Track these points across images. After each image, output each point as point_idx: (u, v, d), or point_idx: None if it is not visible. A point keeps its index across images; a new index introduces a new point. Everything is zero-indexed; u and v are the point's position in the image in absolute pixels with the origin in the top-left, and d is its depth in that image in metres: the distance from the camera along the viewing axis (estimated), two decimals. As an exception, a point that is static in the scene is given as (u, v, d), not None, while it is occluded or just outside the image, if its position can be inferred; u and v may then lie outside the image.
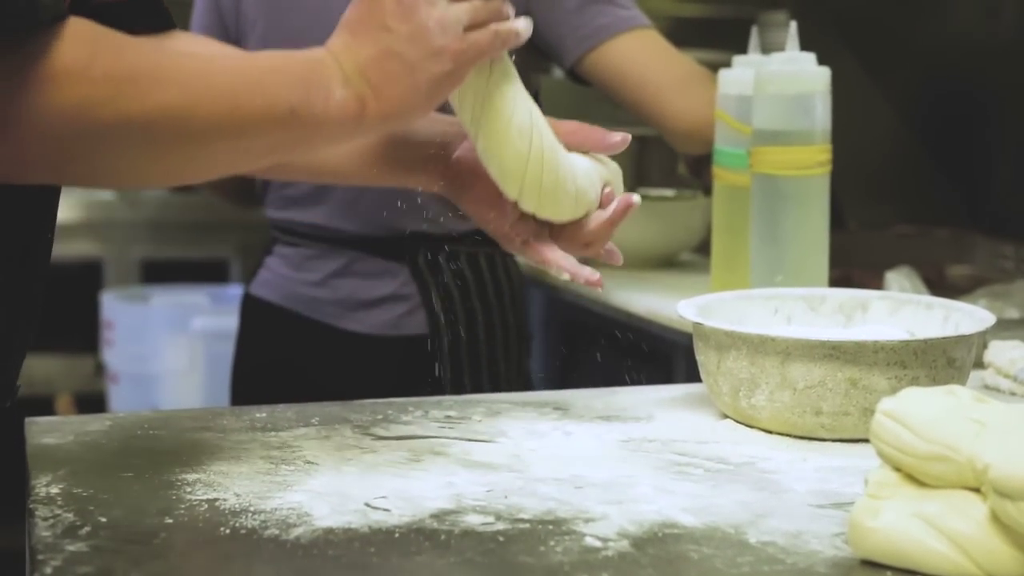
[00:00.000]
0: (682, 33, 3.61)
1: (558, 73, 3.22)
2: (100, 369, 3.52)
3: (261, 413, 1.31)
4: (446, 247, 2.08)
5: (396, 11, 1.09)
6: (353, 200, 2.08)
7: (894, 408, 0.91)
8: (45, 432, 1.25)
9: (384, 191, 1.99)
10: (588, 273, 1.31)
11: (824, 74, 1.64)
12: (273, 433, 1.25)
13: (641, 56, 2.07)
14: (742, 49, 3.22)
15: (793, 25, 1.64)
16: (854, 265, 2.16)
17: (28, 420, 1.28)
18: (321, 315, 2.10)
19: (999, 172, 2.60)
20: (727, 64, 3.13)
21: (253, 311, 2.21)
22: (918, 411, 0.90)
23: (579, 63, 2.08)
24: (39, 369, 3.68)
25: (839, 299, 1.42)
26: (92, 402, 3.35)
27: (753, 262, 1.67)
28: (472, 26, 1.12)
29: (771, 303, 1.42)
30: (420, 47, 1.09)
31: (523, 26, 1.15)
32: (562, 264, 1.30)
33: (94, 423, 1.28)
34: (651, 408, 1.35)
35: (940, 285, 2.31)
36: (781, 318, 1.41)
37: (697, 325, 1.30)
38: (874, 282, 2.17)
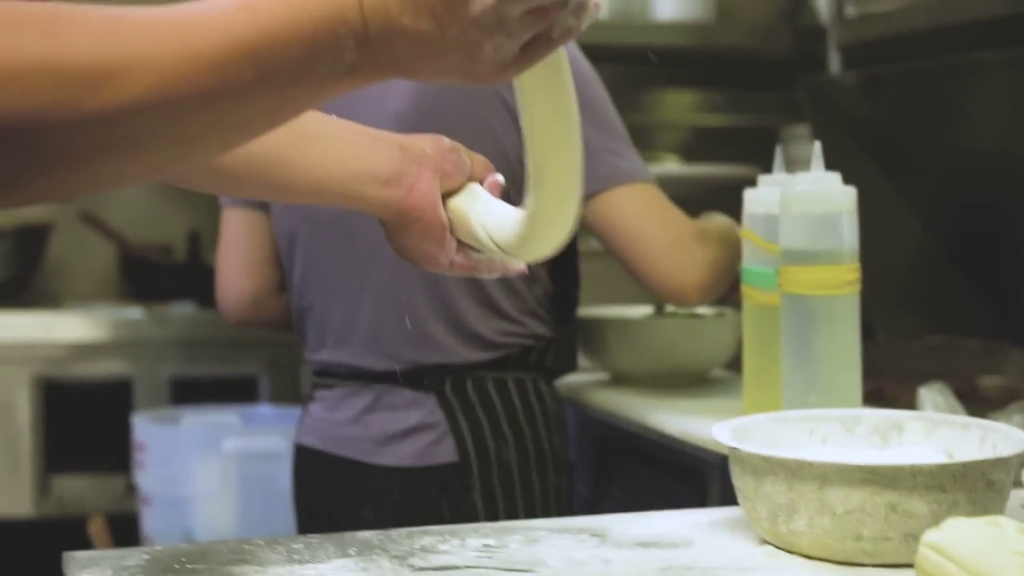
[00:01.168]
0: (703, 143, 3.64)
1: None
2: (131, 489, 3.51)
3: (298, 544, 1.31)
4: (472, 374, 2.08)
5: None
6: (375, 338, 2.08)
7: (938, 541, 0.91)
8: (83, 567, 1.24)
9: (403, 329, 2.04)
10: (515, 265, 1.33)
11: (850, 193, 1.64)
12: (311, 566, 1.24)
13: (633, 212, 2.06)
14: (765, 160, 3.25)
15: (817, 145, 1.65)
16: (885, 377, 2.14)
17: (66, 555, 1.27)
18: (355, 452, 2.10)
19: (1027, 280, 2.59)
20: (749, 177, 3.16)
21: (298, 458, 2.21)
22: (963, 544, 0.90)
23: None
24: (70, 490, 3.69)
25: (874, 420, 1.42)
26: (124, 523, 3.33)
27: (785, 382, 1.67)
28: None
29: (806, 425, 1.42)
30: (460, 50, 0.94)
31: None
32: (492, 268, 1.34)
33: (132, 557, 1.27)
34: (689, 533, 1.34)
35: (972, 397, 2.29)
36: (816, 440, 1.41)
37: (733, 450, 1.30)
38: (905, 395, 2.15)
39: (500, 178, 1.34)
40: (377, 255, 2.00)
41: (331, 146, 1.27)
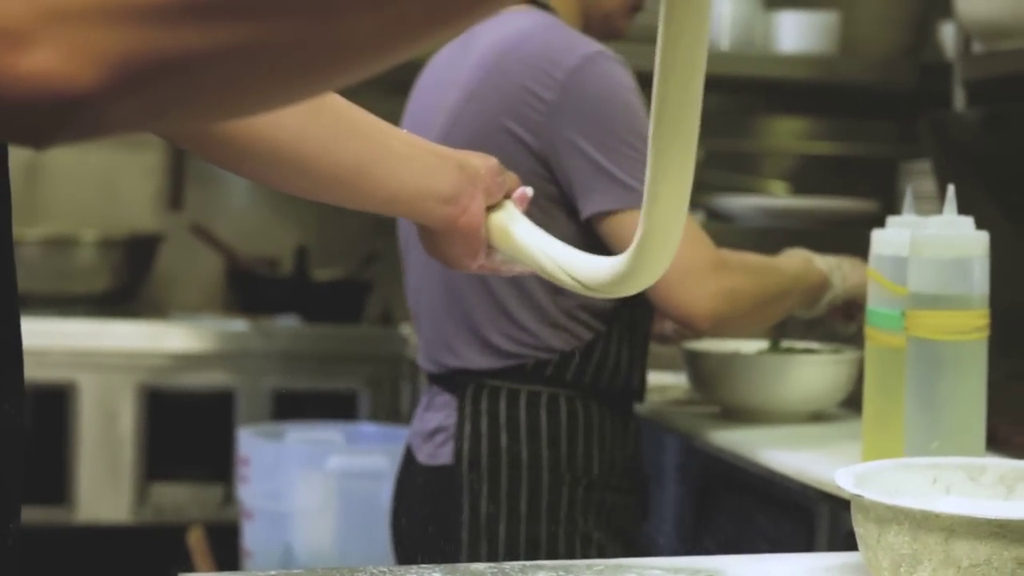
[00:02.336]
0: (814, 172, 3.63)
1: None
2: (229, 499, 3.54)
3: (411, 574, 1.31)
4: (490, 383, 2.12)
5: None
6: (425, 342, 2.21)
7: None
8: (198, 589, 1.26)
9: (440, 334, 2.16)
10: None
11: (982, 239, 1.62)
12: (424, 596, 1.24)
13: None
14: (878, 192, 3.23)
15: (951, 188, 1.64)
16: (1001, 417, 2.12)
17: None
18: (412, 448, 2.22)
19: None
20: (864, 211, 3.14)
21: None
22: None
23: (590, 222, 2.07)
24: (169, 497, 3.73)
25: (1000, 470, 1.39)
26: (223, 534, 3.36)
27: (908, 427, 1.65)
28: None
29: (930, 472, 1.39)
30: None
31: None
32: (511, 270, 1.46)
33: (246, 580, 1.28)
34: None
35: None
36: (940, 489, 1.39)
37: (856, 497, 1.28)
38: (1019, 437, 2.13)
39: (529, 190, 1.45)
40: (428, 265, 2.09)
41: (407, 163, 1.34)
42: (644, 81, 3.14)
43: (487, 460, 2.10)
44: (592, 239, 2.06)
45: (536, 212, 2.07)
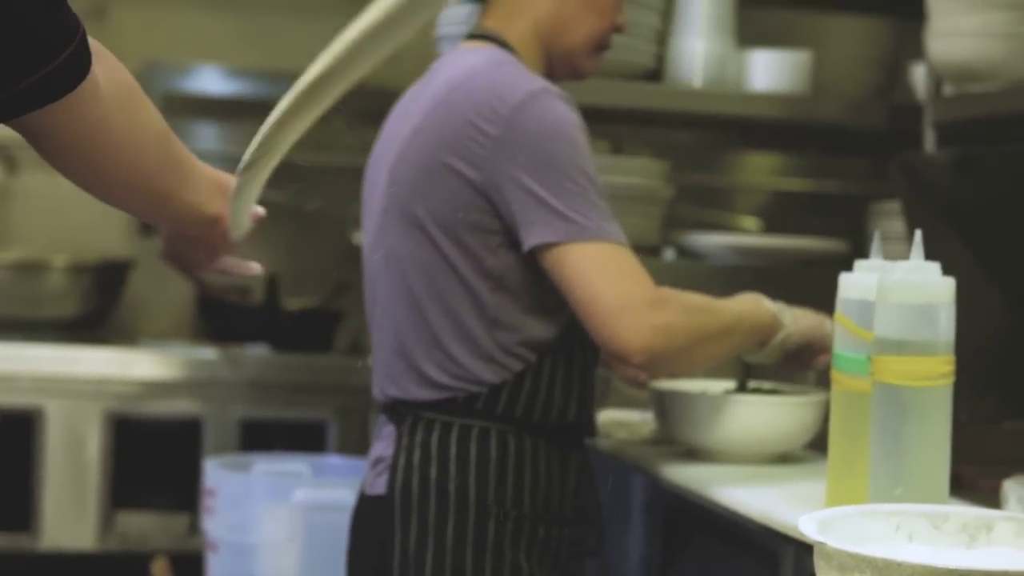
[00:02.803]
0: (785, 208, 3.64)
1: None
2: (194, 529, 3.53)
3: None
4: (426, 415, 2.15)
5: None
6: (376, 372, 2.25)
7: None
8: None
9: (386, 362, 2.20)
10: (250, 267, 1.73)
11: (949, 285, 1.63)
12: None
13: (583, 271, 2.06)
14: (848, 230, 3.24)
15: (918, 233, 1.64)
16: (965, 462, 2.12)
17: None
18: (364, 479, 2.27)
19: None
20: (835, 252, 3.15)
21: None
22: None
23: (532, 254, 2.09)
24: (134, 526, 3.72)
25: (963, 518, 1.39)
26: (188, 564, 3.35)
27: (872, 472, 1.65)
28: None
29: (893, 520, 1.39)
30: None
31: None
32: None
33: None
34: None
35: (1055, 486, 2.27)
36: (903, 536, 1.39)
37: (820, 544, 1.28)
38: (984, 481, 2.13)
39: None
40: (380, 299, 2.21)
41: (198, 191, 1.53)
42: (598, 116, 3.14)
43: (417, 491, 2.13)
44: (534, 270, 2.09)
45: (476, 243, 2.10)
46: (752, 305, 2.22)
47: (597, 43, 2.30)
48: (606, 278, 2.06)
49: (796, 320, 2.24)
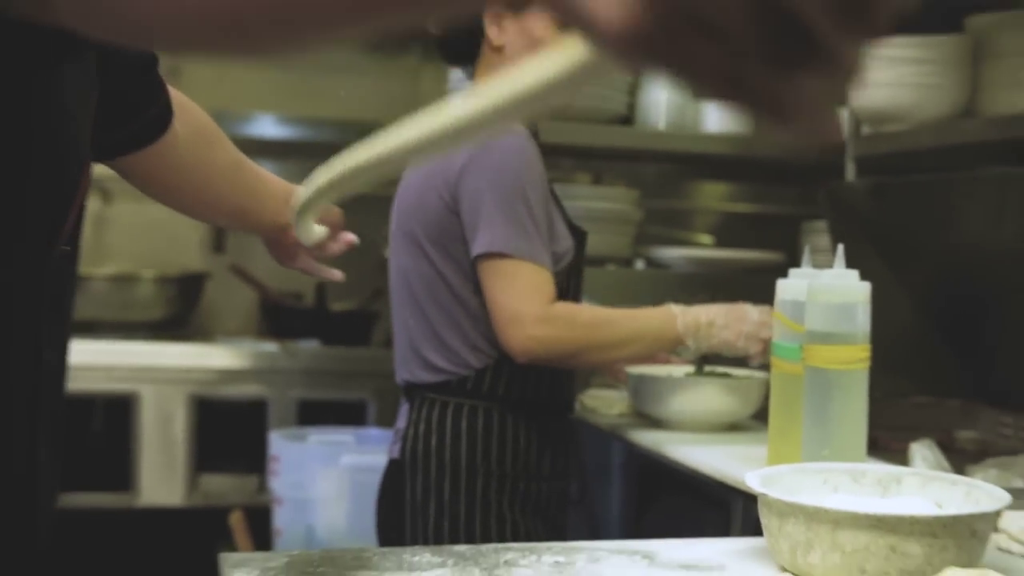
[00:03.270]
0: (734, 227, 3.65)
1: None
2: (262, 488, 3.53)
3: (406, 554, 1.31)
4: (430, 395, 2.17)
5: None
6: (396, 360, 2.25)
7: (936, 588, 0.90)
8: (235, 566, 1.25)
9: (402, 352, 2.22)
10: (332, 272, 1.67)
11: (865, 288, 1.64)
12: (417, 572, 1.24)
13: (490, 281, 2.07)
14: (785, 245, 3.25)
15: (840, 248, 1.65)
16: (880, 429, 2.13)
17: (222, 556, 1.27)
18: None
19: (1000, 353, 2.56)
20: (773, 261, 3.15)
21: None
22: (956, 591, 0.89)
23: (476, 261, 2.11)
24: (214, 485, 3.72)
25: (878, 474, 1.40)
26: (258, 516, 3.35)
27: (804, 438, 1.66)
28: None
29: (821, 475, 1.41)
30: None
31: None
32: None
33: (274, 560, 1.27)
34: (723, 559, 1.33)
35: (951, 448, 2.27)
36: (829, 488, 1.40)
37: (762, 495, 1.29)
38: (896, 444, 2.14)
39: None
40: (396, 302, 2.23)
41: (271, 203, 1.51)
42: (582, 154, 3.10)
43: (422, 457, 2.16)
44: None
45: (458, 254, 2.11)
46: (661, 321, 2.16)
47: None
48: (508, 292, 2.06)
49: (713, 336, 2.18)
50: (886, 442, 2.13)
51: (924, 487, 1.37)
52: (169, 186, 1.39)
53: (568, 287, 2.17)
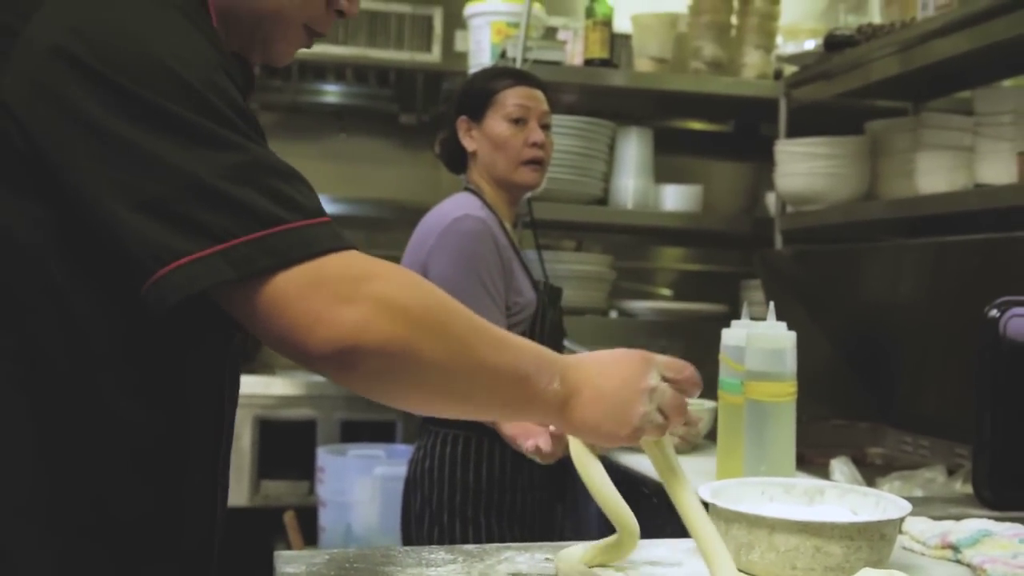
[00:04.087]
0: (687, 283, 3.63)
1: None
2: (312, 492, 3.48)
3: (425, 552, 1.28)
4: (428, 425, 2.16)
5: (627, 374, 0.95)
6: None
7: (855, 586, 0.87)
8: (288, 562, 1.22)
9: None
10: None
11: (792, 336, 1.61)
12: (433, 568, 1.21)
13: None
14: (727, 298, 3.23)
15: (772, 304, 1.63)
16: (805, 446, 2.10)
17: (276, 553, 1.24)
18: None
19: (900, 385, 2.55)
20: (718, 312, 3.13)
21: None
22: (871, 589, 0.86)
23: None
24: (273, 489, 3.67)
25: (804, 486, 1.37)
26: (307, 515, 3.31)
27: (745, 456, 1.63)
28: (663, 412, 0.98)
29: (760, 488, 1.37)
30: (624, 405, 0.95)
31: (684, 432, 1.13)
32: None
33: (318, 557, 1.24)
34: (680, 556, 1.30)
35: (863, 463, 2.25)
36: (766, 498, 1.36)
37: (712, 504, 1.26)
38: (819, 459, 2.11)
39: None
40: None
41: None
42: (567, 227, 3.06)
43: (419, 477, 2.14)
44: None
45: None
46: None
47: (517, 164, 2.17)
48: None
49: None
50: (811, 457, 2.11)
51: (842, 498, 1.34)
52: None
53: (534, 332, 2.14)
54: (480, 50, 3.00)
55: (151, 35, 0.81)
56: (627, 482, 2.29)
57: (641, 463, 2.07)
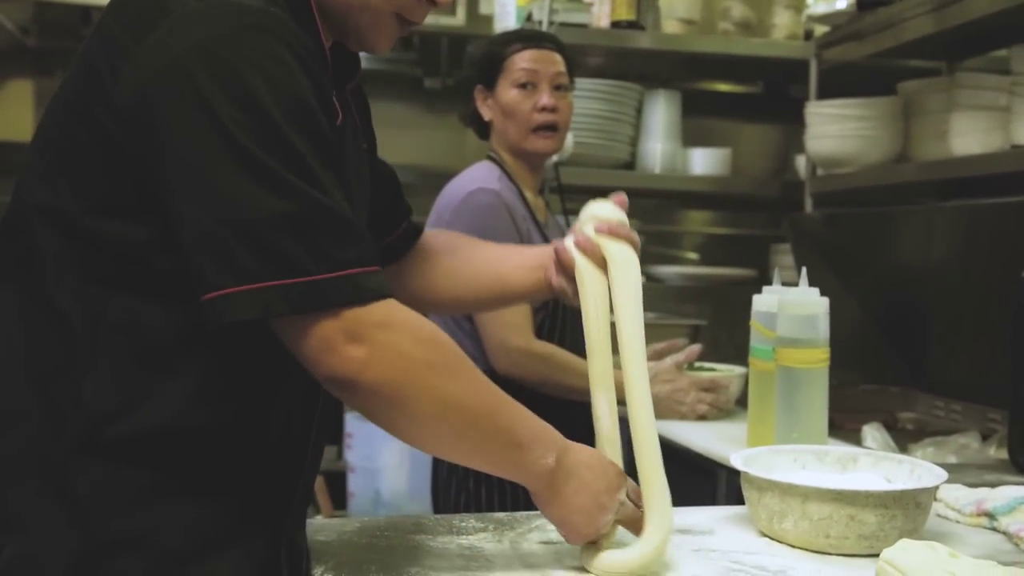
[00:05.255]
0: (714, 247, 3.61)
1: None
2: (340, 457, 3.51)
3: (455, 520, 1.28)
4: None
5: (611, 483, 1.07)
6: None
7: (892, 557, 0.87)
8: (318, 531, 1.23)
9: None
10: None
11: (824, 302, 1.60)
12: (464, 536, 1.22)
13: (477, 316, 2.05)
14: (756, 262, 3.21)
15: (804, 270, 1.61)
16: (837, 411, 2.09)
17: (307, 522, 1.25)
18: None
19: (931, 349, 2.52)
20: (748, 277, 3.11)
21: None
22: (908, 561, 0.85)
23: None
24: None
25: (837, 454, 1.37)
26: (335, 480, 3.33)
27: (777, 423, 1.62)
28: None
29: (791, 455, 1.37)
30: (599, 510, 1.06)
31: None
32: None
33: (348, 525, 1.25)
34: (712, 524, 1.30)
35: (894, 427, 2.23)
36: (798, 466, 1.36)
37: (745, 473, 1.26)
38: (850, 424, 2.10)
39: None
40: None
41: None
42: (593, 192, 3.08)
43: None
44: None
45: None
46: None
47: (527, 131, 2.11)
48: (491, 324, 2.00)
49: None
50: (842, 422, 2.10)
51: (876, 465, 1.33)
52: (425, 296, 1.32)
53: (556, 312, 2.08)
54: (505, 14, 2.96)
55: (252, 62, 0.88)
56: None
57: (679, 432, 2.06)
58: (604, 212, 1.22)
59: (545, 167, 2.28)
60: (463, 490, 2.08)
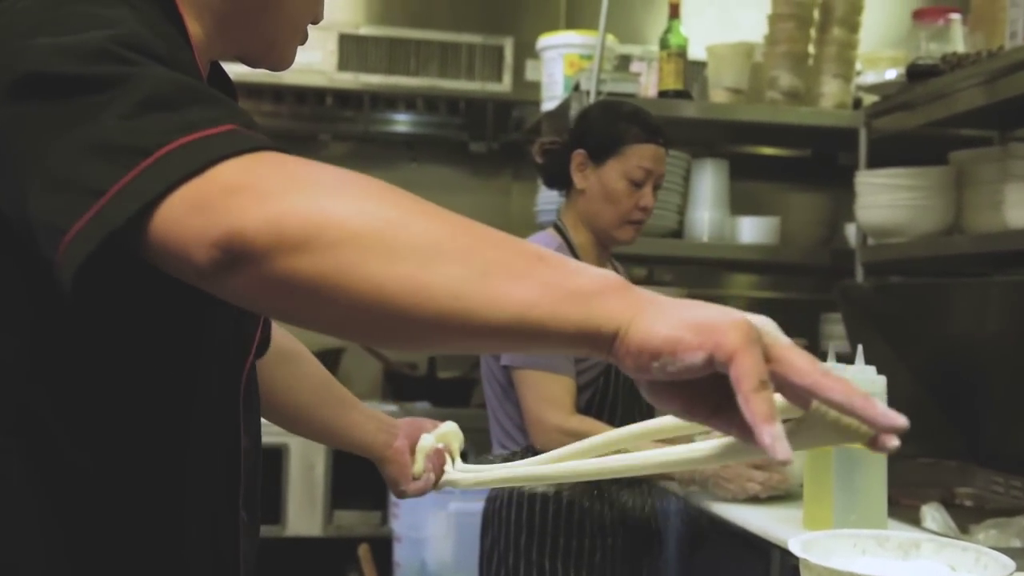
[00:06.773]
0: (760, 312, 3.58)
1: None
2: (384, 521, 3.50)
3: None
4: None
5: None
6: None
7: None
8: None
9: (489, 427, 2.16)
10: None
11: (882, 381, 1.59)
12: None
13: (519, 389, 2.08)
14: (805, 329, 3.18)
15: (860, 348, 1.60)
16: (892, 485, 2.06)
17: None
18: None
19: (990, 423, 2.48)
20: (797, 345, 3.09)
21: None
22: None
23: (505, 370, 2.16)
24: (345, 519, 3.69)
25: (899, 539, 1.33)
26: (380, 547, 3.32)
27: (835, 504, 1.60)
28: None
29: (851, 540, 1.34)
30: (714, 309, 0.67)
31: None
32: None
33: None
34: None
35: (951, 504, 2.19)
36: (858, 551, 1.33)
37: (804, 560, 1.24)
38: (906, 500, 2.06)
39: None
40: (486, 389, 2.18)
41: (361, 427, 1.34)
42: (640, 260, 3.02)
43: (491, 517, 2.13)
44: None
45: (494, 366, 2.12)
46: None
47: (622, 222, 2.13)
48: (530, 399, 2.02)
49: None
50: (898, 498, 2.06)
51: (939, 552, 1.30)
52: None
53: (608, 381, 2.08)
54: (553, 83, 3.00)
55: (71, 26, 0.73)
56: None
57: (734, 512, 2.03)
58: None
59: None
60: (503, 565, 2.07)
